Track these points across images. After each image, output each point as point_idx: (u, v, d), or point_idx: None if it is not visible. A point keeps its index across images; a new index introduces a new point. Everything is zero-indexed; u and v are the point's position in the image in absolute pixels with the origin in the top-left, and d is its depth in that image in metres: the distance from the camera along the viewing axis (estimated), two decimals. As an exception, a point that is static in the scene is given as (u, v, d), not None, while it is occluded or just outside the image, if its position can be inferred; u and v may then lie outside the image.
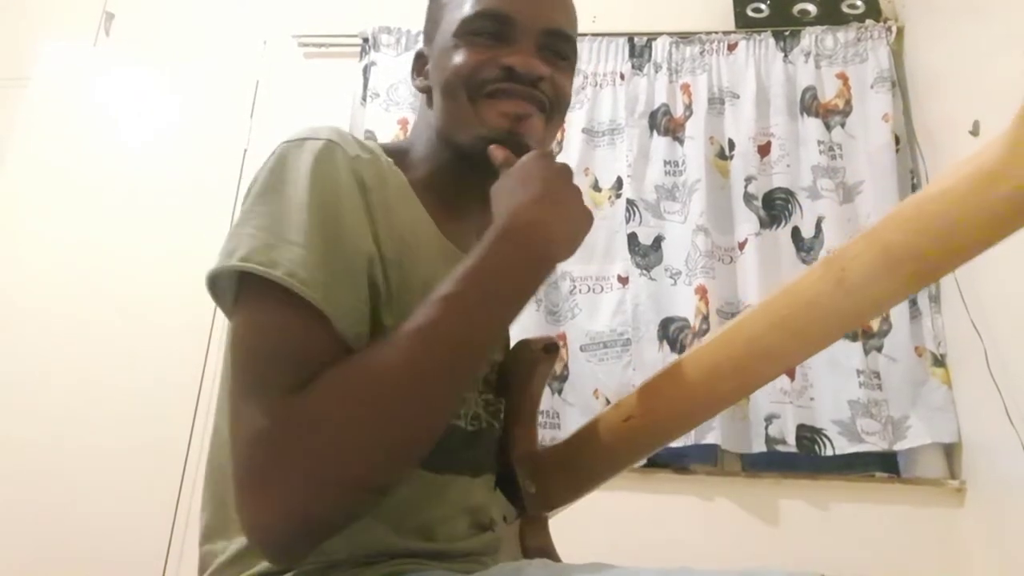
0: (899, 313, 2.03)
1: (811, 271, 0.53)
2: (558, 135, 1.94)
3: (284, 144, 0.64)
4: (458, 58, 0.71)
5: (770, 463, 2.04)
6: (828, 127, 2.25)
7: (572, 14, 0.79)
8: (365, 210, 0.62)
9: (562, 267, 2.21)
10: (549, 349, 0.79)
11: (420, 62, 0.81)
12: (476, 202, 0.74)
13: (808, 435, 1.98)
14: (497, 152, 0.67)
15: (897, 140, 2.20)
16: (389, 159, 0.68)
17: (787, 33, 2.36)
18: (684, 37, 2.40)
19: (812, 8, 2.41)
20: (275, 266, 0.56)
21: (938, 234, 0.44)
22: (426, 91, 0.78)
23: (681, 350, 2.08)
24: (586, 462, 0.73)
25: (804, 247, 2.15)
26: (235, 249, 0.59)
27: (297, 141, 0.63)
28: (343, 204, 0.60)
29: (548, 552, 0.77)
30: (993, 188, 0.41)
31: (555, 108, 0.74)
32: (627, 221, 2.21)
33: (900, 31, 2.33)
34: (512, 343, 0.82)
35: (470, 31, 0.72)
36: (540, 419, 2.19)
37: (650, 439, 0.67)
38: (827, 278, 0.51)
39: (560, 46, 0.74)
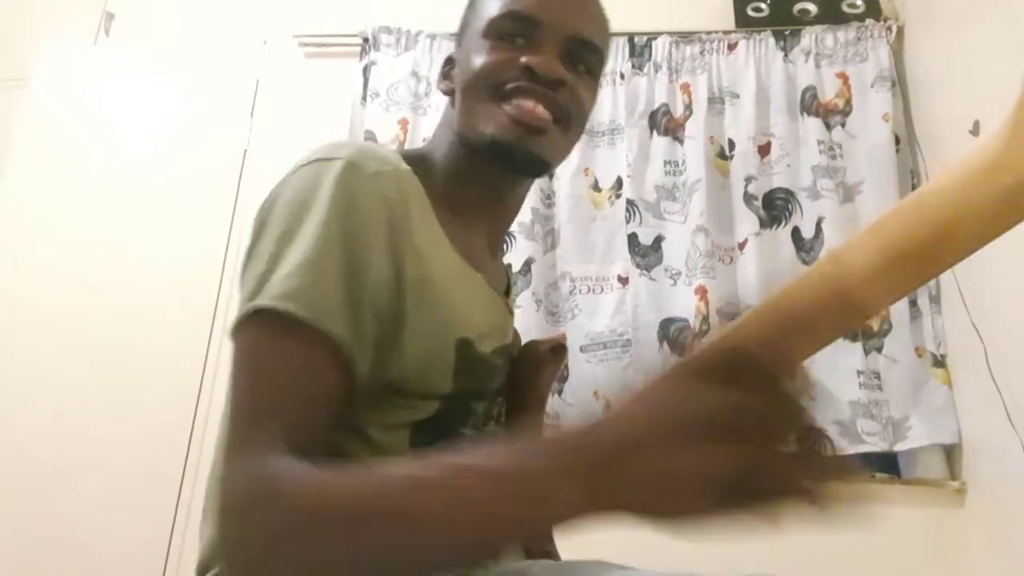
0: (899, 313, 2.03)
1: (814, 267, 0.53)
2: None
3: (303, 167, 0.62)
4: (480, 57, 0.72)
5: (770, 463, 2.04)
6: (828, 127, 2.24)
7: (603, 27, 0.78)
8: (387, 231, 0.60)
9: (562, 267, 2.21)
10: (556, 351, 0.80)
11: (448, 66, 0.80)
12: (486, 210, 0.76)
13: (808, 435, 1.98)
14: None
15: (897, 140, 2.19)
16: (408, 168, 0.65)
17: (787, 32, 2.35)
18: (684, 37, 2.39)
19: (812, 7, 2.40)
20: (287, 298, 0.54)
21: (938, 229, 0.44)
22: (450, 94, 0.77)
23: (681, 351, 2.07)
24: None
25: (804, 247, 2.15)
26: (256, 288, 0.56)
27: (315, 163, 0.61)
28: (363, 230, 0.58)
29: (550, 556, 0.77)
30: (992, 182, 0.41)
31: (572, 119, 0.73)
32: (627, 221, 2.20)
33: (900, 30, 2.33)
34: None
35: (496, 32, 0.72)
36: (540, 419, 2.19)
37: None
38: (831, 273, 0.50)
39: (584, 55, 0.74)
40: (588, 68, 0.75)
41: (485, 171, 0.73)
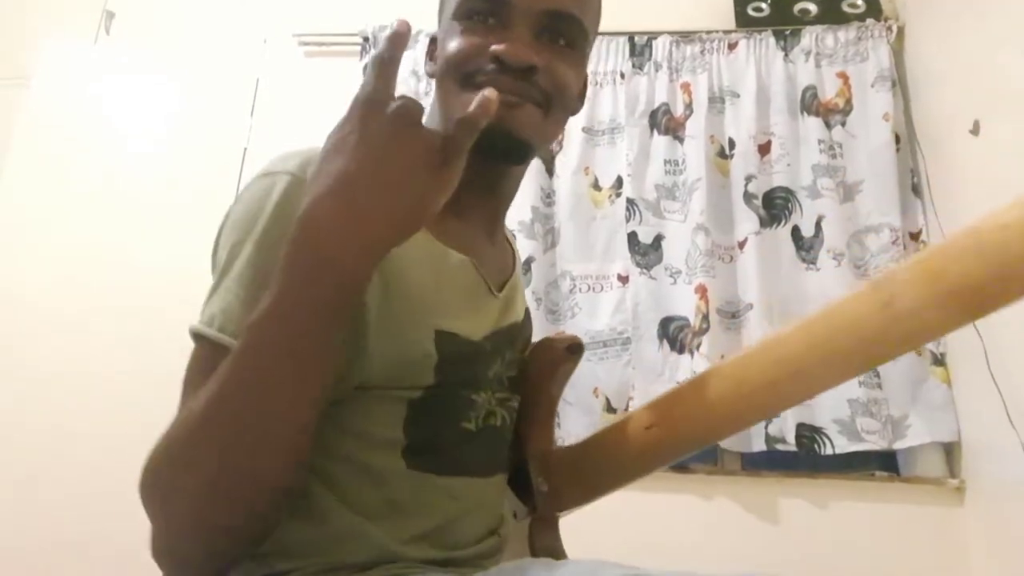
0: (899, 312, 2.03)
1: (857, 294, 0.51)
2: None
3: (254, 181, 0.62)
4: (452, 44, 0.68)
5: (770, 462, 2.04)
6: (828, 126, 2.25)
7: None
8: None
9: (562, 266, 2.21)
10: (573, 349, 0.78)
11: (432, 46, 0.76)
12: (476, 197, 0.72)
13: (808, 434, 1.98)
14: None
15: (897, 139, 2.20)
16: None
17: (788, 32, 2.36)
18: (684, 36, 2.40)
19: (812, 7, 2.40)
20: (211, 321, 0.57)
21: (998, 266, 0.42)
22: (435, 76, 0.74)
23: (681, 349, 2.09)
24: (602, 466, 0.72)
25: (804, 246, 2.15)
26: (203, 307, 0.60)
27: (264, 177, 0.62)
28: None
29: (556, 552, 0.76)
30: None
31: (554, 101, 0.68)
32: (627, 220, 2.20)
33: (901, 30, 2.33)
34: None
35: (465, 12, 0.68)
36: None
37: (669, 450, 0.66)
38: (874, 302, 0.48)
39: (562, 28, 0.68)
40: (569, 41, 0.69)
41: (469, 160, 0.69)
